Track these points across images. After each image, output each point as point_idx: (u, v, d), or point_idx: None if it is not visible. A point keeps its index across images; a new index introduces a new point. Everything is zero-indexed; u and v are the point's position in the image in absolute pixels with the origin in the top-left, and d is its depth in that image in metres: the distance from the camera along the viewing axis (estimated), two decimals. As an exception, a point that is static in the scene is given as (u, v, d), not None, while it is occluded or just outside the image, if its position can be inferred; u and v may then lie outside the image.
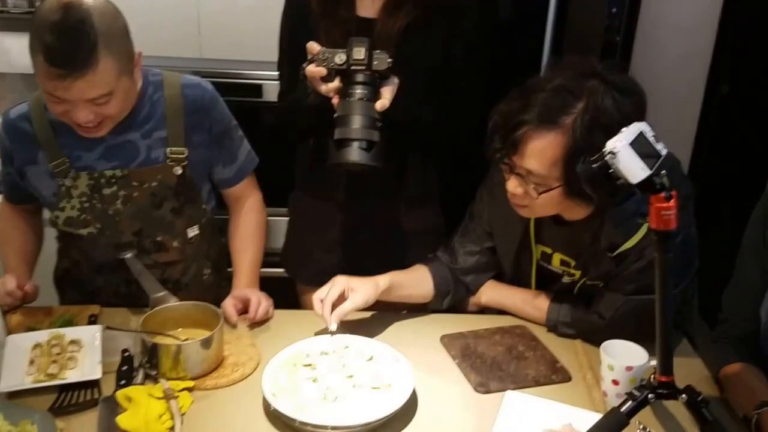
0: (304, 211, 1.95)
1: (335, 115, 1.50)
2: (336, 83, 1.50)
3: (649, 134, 1.14)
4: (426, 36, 1.68)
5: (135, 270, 1.61)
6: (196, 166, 1.65)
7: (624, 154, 1.11)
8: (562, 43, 2.38)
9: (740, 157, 2.76)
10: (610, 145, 1.12)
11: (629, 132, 1.13)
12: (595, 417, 1.29)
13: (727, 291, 1.51)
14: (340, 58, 1.47)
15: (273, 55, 1.82)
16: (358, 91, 1.48)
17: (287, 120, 1.82)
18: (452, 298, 1.73)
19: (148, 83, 1.61)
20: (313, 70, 1.50)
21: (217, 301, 1.63)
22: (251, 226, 1.80)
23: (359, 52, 1.46)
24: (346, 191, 1.83)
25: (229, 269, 1.81)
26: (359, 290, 1.56)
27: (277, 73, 1.83)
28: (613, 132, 1.15)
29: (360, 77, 1.48)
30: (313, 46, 1.50)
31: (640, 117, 1.27)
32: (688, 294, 1.63)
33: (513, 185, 1.47)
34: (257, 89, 2.30)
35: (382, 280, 1.62)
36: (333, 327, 1.50)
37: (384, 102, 1.49)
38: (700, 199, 1.55)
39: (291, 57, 1.72)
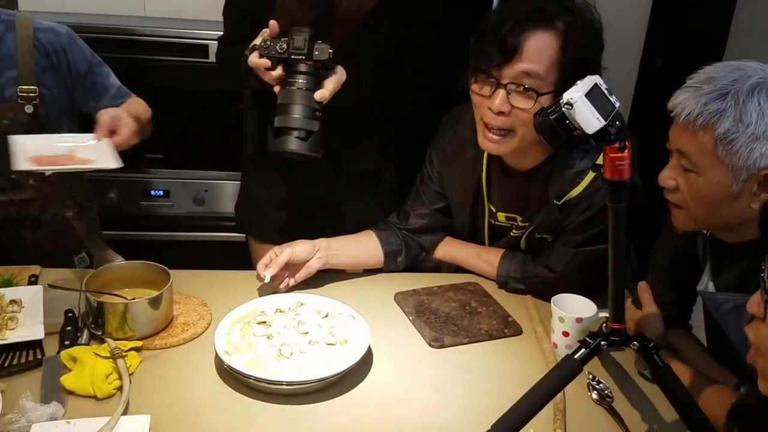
0: (255, 168, 1.91)
1: (276, 103, 1.50)
2: (279, 71, 1.50)
3: (603, 86, 1.16)
4: (387, 19, 1.67)
5: (79, 230, 1.55)
6: (51, 106, 1.65)
7: (580, 105, 1.13)
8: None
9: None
10: (567, 96, 1.14)
11: (584, 84, 1.15)
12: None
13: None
14: (281, 46, 1.47)
15: (219, 14, 1.76)
16: (299, 80, 1.49)
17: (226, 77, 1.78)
18: (406, 257, 1.73)
19: None
20: (256, 61, 1.49)
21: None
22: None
23: (299, 41, 1.47)
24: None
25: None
26: (291, 245, 1.57)
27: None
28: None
29: (301, 67, 1.49)
30: (273, 27, 1.49)
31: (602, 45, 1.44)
32: (627, 247, 1.69)
33: (500, 102, 1.45)
34: (203, 49, 2.22)
35: (322, 239, 1.63)
36: (267, 277, 1.51)
37: (324, 93, 1.49)
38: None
39: (237, 5, 1.70)
